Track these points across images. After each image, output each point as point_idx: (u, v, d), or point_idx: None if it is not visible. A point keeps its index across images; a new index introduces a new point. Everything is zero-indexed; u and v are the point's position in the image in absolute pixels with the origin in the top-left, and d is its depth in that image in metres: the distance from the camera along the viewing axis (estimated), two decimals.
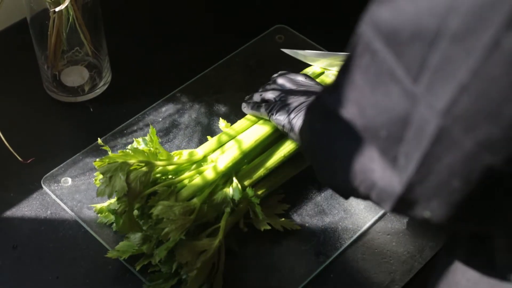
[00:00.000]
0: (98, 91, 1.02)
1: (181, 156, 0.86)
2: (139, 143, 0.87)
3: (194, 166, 0.87)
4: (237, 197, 0.82)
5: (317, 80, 0.94)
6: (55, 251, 0.85)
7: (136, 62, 1.08)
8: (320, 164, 0.66)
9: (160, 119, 0.99)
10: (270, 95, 0.89)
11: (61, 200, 0.89)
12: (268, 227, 0.86)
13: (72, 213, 0.88)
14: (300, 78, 0.91)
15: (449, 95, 0.46)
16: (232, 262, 0.84)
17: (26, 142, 0.95)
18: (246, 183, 0.86)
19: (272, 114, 0.86)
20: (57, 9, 0.88)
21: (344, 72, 0.55)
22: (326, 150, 0.62)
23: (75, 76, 1.01)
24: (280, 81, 0.91)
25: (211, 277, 0.80)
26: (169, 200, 0.80)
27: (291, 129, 0.84)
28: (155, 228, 0.78)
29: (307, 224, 0.88)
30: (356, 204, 0.90)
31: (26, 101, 1.02)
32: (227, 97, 1.02)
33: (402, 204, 0.53)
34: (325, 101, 0.60)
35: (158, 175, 0.83)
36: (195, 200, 0.82)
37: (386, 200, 0.54)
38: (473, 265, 0.62)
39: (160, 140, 0.96)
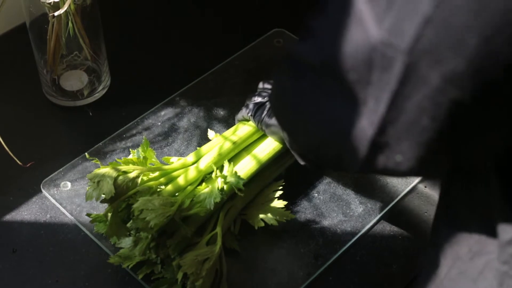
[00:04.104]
0: (97, 95, 1.02)
1: (171, 162, 0.87)
2: (134, 154, 0.87)
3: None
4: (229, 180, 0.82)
5: None
6: (55, 255, 0.85)
7: (135, 66, 1.08)
8: (292, 127, 0.66)
9: (159, 123, 0.99)
10: (250, 99, 0.90)
11: (60, 204, 0.89)
12: (262, 224, 0.86)
13: (72, 217, 0.88)
14: None
15: (414, 30, 0.47)
16: (230, 265, 0.84)
17: (26, 146, 0.95)
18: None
19: (252, 115, 0.87)
20: (56, 14, 0.88)
21: (316, 18, 0.56)
22: (297, 106, 0.62)
23: (74, 80, 1.01)
24: (260, 85, 0.92)
25: (215, 283, 0.81)
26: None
27: (266, 125, 0.85)
28: (137, 221, 0.78)
29: (306, 227, 0.88)
30: (355, 207, 0.90)
31: (25, 105, 1.02)
32: (226, 101, 1.03)
33: (375, 149, 0.54)
34: (295, 50, 0.61)
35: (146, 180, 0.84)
36: (177, 196, 0.82)
37: (360, 147, 0.54)
38: (459, 251, 0.62)
39: (159, 144, 0.96)
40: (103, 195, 0.79)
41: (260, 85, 0.92)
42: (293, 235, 0.87)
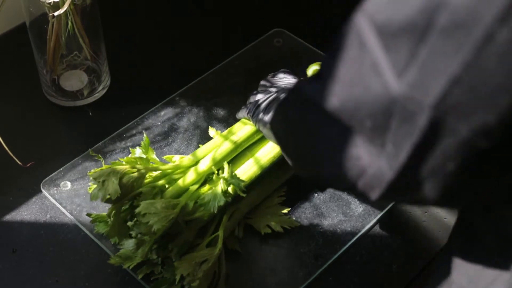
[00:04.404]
0: (97, 95, 1.02)
1: (174, 161, 0.87)
2: (134, 153, 0.87)
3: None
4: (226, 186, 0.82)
5: None
6: (55, 255, 0.85)
7: (135, 66, 1.08)
8: (299, 156, 0.66)
9: (159, 123, 0.99)
10: (251, 98, 0.89)
11: (60, 204, 0.89)
12: (269, 231, 0.86)
13: (72, 217, 0.88)
14: (279, 76, 0.91)
15: (440, 88, 0.46)
16: (230, 266, 0.84)
17: (25, 146, 0.95)
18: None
19: (251, 115, 0.87)
20: (56, 14, 0.88)
21: (328, 62, 0.55)
22: (306, 141, 0.61)
23: (74, 80, 1.01)
24: (261, 83, 0.92)
25: (213, 284, 0.81)
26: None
27: (264, 126, 0.85)
28: (140, 225, 0.78)
29: (306, 227, 0.88)
30: (355, 207, 0.90)
31: (25, 105, 1.02)
32: (225, 100, 1.02)
33: (393, 190, 0.53)
34: (305, 91, 0.60)
35: (149, 180, 0.84)
36: (180, 198, 0.82)
37: (376, 187, 0.54)
38: (471, 260, 0.62)
39: (159, 144, 0.96)
40: (108, 195, 0.79)
41: (262, 82, 0.92)
42: (293, 235, 0.87)
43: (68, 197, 0.90)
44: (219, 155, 0.86)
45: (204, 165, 0.85)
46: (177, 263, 0.79)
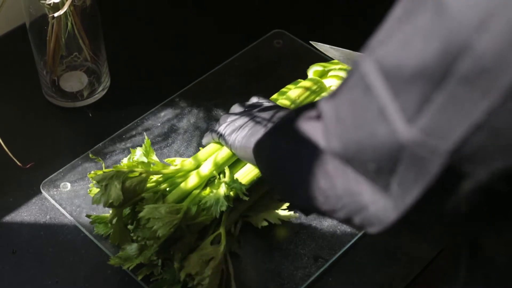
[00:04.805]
0: (97, 96, 1.02)
1: (175, 164, 0.87)
2: (134, 154, 0.87)
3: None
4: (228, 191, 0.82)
5: (321, 79, 0.95)
6: (55, 256, 0.85)
7: (134, 67, 1.08)
8: (287, 185, 0.64)
9: (159, 124, 0.99)
10: (221, 121, 0.88)
11: (60, 205, 0.89)
12: (266, 224, 0.86)
13: (71, 218, 0.88)
14: (251, 101, 0.90)
15: (460, 134, 0.43)
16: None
17: (25, 147, 0.95)
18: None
19: (221, 136, 0.86)
20: (56, 15, 0.88)
21: (330, 102, 0.52)
22: (297, 172, 0.59)
23: (74, 82, 1.01)
24: (233, 107, 0.91)
25: (222, 283, 0.81)
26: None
27: (236, 148, 0.83)
28: (144, 230, 0.78)
29: (305, 228, 0.88)
30: None
31: (25, 106, 1.02)
32: (225, 101, 1.02)
33: (394, 229, 0.51)
34: (303, 127, 0.58)
35: (151, 185, 0.84)
36: (183, 203, 0.82)
37: (376, 224, 0.52)
38: (481, 279, 0.61)
39: (159, 145, 0.96)
40: (110, 201, 0.78)
41: (233, 106, 0.91)
42: (293, 236, 0.87)
43: (68, 198, 0.90)
44: (220, 159, 0.86)
45: (206, 169, 0.85)
46: (181, 264, 0.79)
